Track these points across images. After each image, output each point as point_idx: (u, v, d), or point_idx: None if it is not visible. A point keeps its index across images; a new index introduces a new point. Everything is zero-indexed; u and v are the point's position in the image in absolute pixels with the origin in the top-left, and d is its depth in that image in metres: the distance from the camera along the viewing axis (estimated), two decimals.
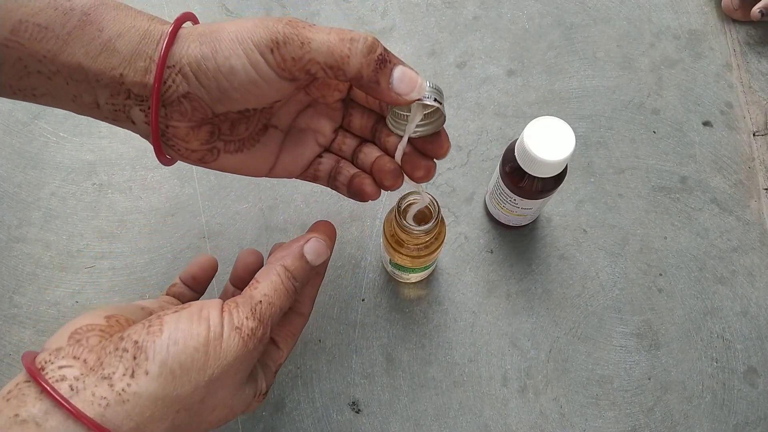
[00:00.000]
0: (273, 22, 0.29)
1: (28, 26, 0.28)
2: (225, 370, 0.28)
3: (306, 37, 0.28)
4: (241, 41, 0.29)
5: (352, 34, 0.28)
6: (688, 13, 0.56)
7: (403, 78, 0.29)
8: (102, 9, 0.29)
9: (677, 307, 0.47)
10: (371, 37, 0.28)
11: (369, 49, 0.28)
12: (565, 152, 0.37)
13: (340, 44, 0.28)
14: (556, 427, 0.44)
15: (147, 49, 0.29)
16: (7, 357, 0.45)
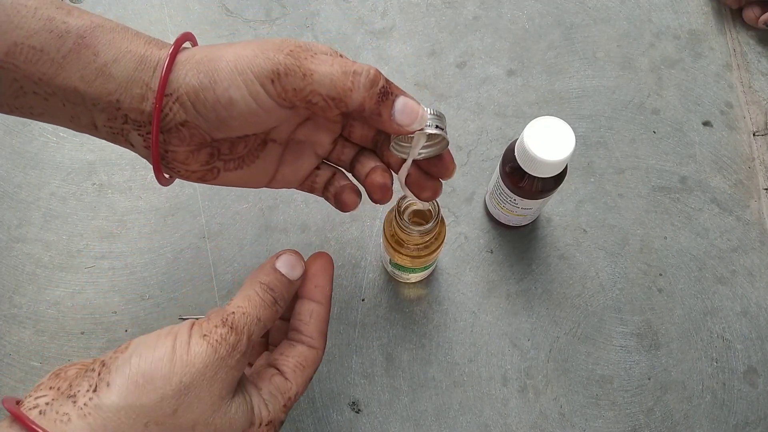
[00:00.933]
0: (274, 52, 0.28)
1: (23, 48, 0.27)
2: (194, 378, 0.26)
3: (308, 68, 0.28)
4: (240, 71, 0.28)
5: (355, 66, 0.28)
6: (688, 13, 0.56)
7: (405, 109, 0.29)
8: (97, 32, 0.29)
9: (677, 307, 0.47)
10: (373, 69, 0.29)
11: (372, 82, 0.28)
12: (565, 152, 0.37)
13: (342, 77, 0.28)
14: (556, 427, 0.44)
15: (143, 76, 0.29)
16: (7, 357, 0.45)
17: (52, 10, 0.28)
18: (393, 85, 0.29)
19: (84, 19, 0.29)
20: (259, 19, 0.55)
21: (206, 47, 0.30)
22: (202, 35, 0.54)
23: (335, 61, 0.28)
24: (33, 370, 0.44)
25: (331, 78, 0.28)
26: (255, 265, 0.47)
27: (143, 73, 0.29)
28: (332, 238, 0.48)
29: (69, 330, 0.45)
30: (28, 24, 0.27)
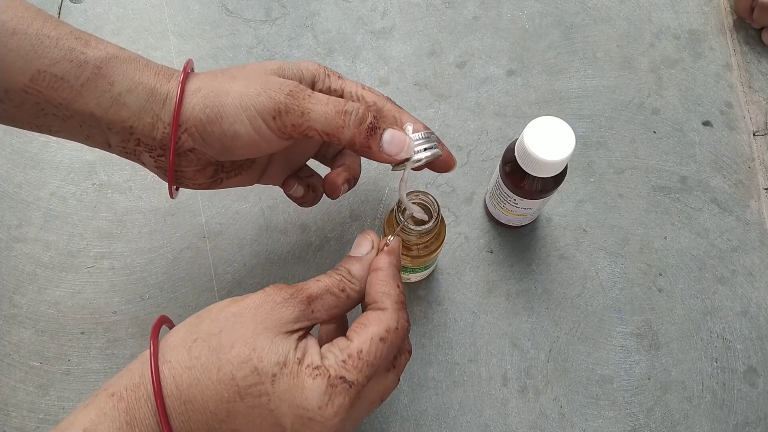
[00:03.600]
0: (275, 92, 0.32)
1: (46, 76, 0.31)
2: (242, 308, 0.29)
3: (306, 107, 0.32)
4: (245, 108, 0.32)
5: (347, 106, 0.32)
6: (688, 13, 0.56)
7: (392, 141, 0.33)
8: (113, 63, 0.32)
9: (677, 307, 0.47)
10: (363, 108, 0.32)
11: (360, 120, 0.32)
12: (565, 152, 0.37)
13: (335, 116, 0.32)
14: (556, 427, 0.44)
15: (154, 107, 0.32)
16: (7, 357, 0.45)
17: (71, 40, 0.31)
18: (380, 119, 0.33)
19: (100, 49, 0.32)
20: (259, 19, 0.55)
21: (211, 78, 0.34)
22: (202, 35, 0.54)
23: (330, 100, 0.32)
24: (33, 370, 0.44)
25: (326, 116, 0.32)
26: (255, 265, 0.47)
27: (154, 104, 0.32)
28: (332, 238, 0.48)
29: (69, 330, 0.45)
30: (50, 53, 0.31)
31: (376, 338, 0.30)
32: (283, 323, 0.29)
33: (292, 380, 0.28)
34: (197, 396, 0.28)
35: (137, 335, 0.45)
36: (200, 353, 0.28)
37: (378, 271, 0.33)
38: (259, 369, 0.28)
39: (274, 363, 0.28)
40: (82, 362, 0.45)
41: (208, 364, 0.28)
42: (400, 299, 0.32)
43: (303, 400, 0.28)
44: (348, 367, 0.29)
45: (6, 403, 0.44)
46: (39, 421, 0.43)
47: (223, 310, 0.30)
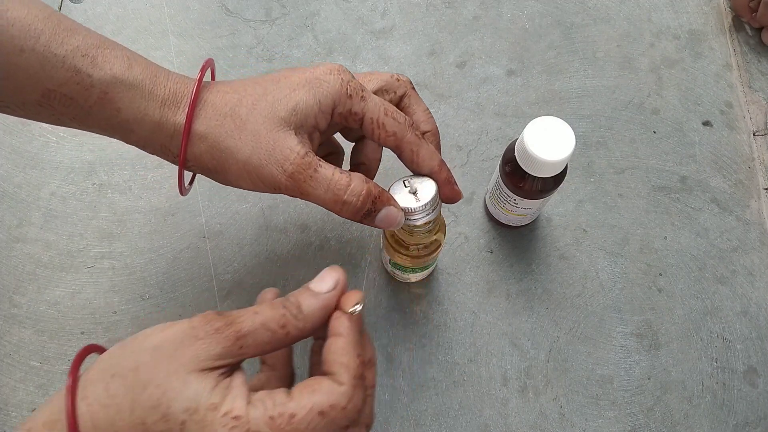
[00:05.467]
0: (278, 170, 0.32)
1: (56, 95, 0.31)
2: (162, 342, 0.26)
3: (306, 191, 0.32)
4: (248, 173, 0.33)
5: (345, 196, 0.32)
6: (688, 13, 0.56)
7: (385, 219, 0.34)
8: (118, 89, 0.32)
9: (677, 307, 0.47)
10: (361, 199, 0.33)
11: (357, 210, 0.33)
12: (565, 152, 0.37)
13: (333, 204, 0.33)
14: (556, 427, 0.44)
15: (162, 139, 0.33)
16: (7, 357, 0.45)
17: (77, 59, 0.31)
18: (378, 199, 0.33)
19: (105, 70, 0.32)
20: (259, 19, 0.55)
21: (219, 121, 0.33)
22: (202, 35, 0.54)
23: (330, 187, 0.32)
24: (33, 370, 0.44)
25: (324, 201, 0.33)
26: (255, 265, 0.47)
27: (161, 136, 0.33)
28: (332, 238, 0.48)
29: (69, 330, 0.45)
30: (58, 74, 0.31)
31: (315, 409, 0.26)
32: (202, 360, 0.26)
33: (202, 429, 0.25)
34: None
35: None
36: (117, 391, 0.26)
37: (338, 337, 0.29)
38: (168, 416, 0.25)
39: (183, 409, 0.25)
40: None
41: (122, 405, 0.26)
42: (359, 373, 0.28)
43: None
44: (273, 426, 0.25)
45: (6, 403, 0.44)
46: None
47: (145, 341, 0.27)
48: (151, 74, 0.33)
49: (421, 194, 0.35)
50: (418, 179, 0.36)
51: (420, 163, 0.36)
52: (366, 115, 0.34)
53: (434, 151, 0.36)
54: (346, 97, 0.33)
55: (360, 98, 0.34)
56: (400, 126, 0.35)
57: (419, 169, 0.36)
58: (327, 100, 0.33)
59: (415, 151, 0.35)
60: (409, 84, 0.38)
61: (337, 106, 0.33)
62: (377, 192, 0.34)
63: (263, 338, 0.27)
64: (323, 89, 0.33)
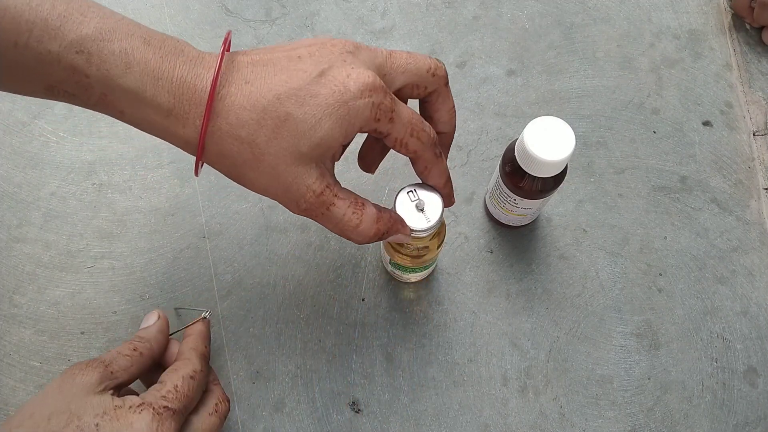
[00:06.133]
0: (293, 206, 0.32)
1: (59, 91, 0.30)
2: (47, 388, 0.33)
3: (324, 216, 0.33)
4: (263, 195, 0.33)
5: (353, 234, 0.33)
6: (688, 13, 0.56)
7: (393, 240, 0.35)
8: (117, 93, 0.30)
9: (677, 307, 0.47)
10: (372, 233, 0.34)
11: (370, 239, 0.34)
12: (565, 152, 0.37)
13: (343, 233, 0.33)
14: (556, 427, 0.44)
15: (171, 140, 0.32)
16: (7, 357, 0.45)
17: (72, 56, 0.28)
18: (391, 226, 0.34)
19: (102, 71, 0.29)
20: (259, 19, 0.55)
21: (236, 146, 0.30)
22: (202, 35, 0.54)
23: (339, 222, 0.33)
24: (33, 370, 0.44)
25: (335, 230, 0.33)
26: (255, 266, 0.47)
27: (173, 140, 0.32)
28: (332, 237, 0.48)
29: (69, 330, 0.45)
30: (55, 72, 0.29)
31: (187, 376, 0.35)
32: (89, 386, 0.32)
33: (116, 422, 0.31)
34: None
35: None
36: None
37: (188, 336, 0.40)
38: (81, 425, 0.31)
39: (93, 415, 0.31)
40: None
41: None
42: (204, 353, 0.39)
43: None
44: (169, 398, 0.33)
45: (6, 403, 0.44)
46: None
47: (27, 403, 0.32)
48: (152, 75, 0.29)
49: (428, 212, 0.36)
50: (424, 192, 0.36)
51: (429, 178, 0.36)
52: (390, 135, 0.33)
53: (445, 169, 0.36)
54: (373, 122, 0.31)
55: (388, 120, 0.32)
56: (423, 146, 0.34)
57: (425, 180, 0.37)
58: (354, 129, 0.31)
59: (429, 168, 0.36)
60: (443, 80, 0.35)
61: (362, 128, 0.32)
62: (386, 228, 0.34)
63: (124, 363, 0.35)
64: (352, 118, 0.30)
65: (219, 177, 0.49)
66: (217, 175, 0.49)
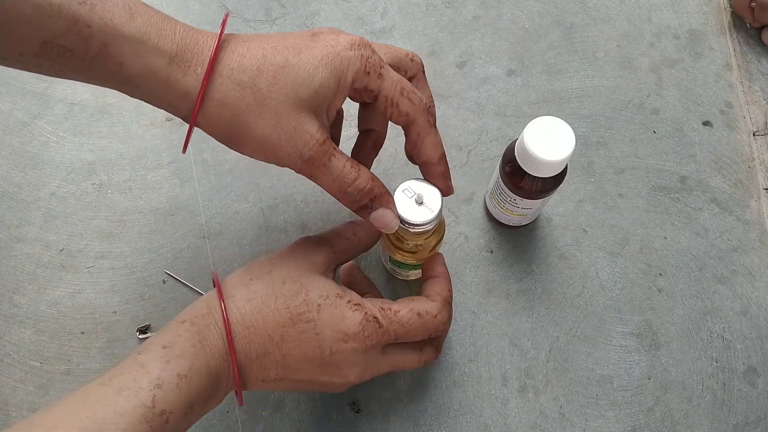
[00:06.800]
0: (296, 154, 0.32)
1: (53, 47, 0.30)
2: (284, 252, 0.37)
3: (315, 176, 0.34)
4: (264, 149, 0.33)
5: (349, 188, 0.34)
6: (688, 13, 0.56)
7: (378, 219, 0.35)
8: (119, 41, 0.30)
9: (677, 307, 0.47)
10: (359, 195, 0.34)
11: (356, 203, 0.35)
12: (565, 152, 0.37)
13: (335, 192, 0.34)
14: (556, 427, 0.44)
15: (169, 97, 0.31)
16: (7, 357, 0.45)
17: (75, 7, 0.29)
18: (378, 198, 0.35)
19: (105, 20, 0.29)
20: (259, 19, 0.55)
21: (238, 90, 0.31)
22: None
23: (337, 177, 0.34)
24: (33, 370, 0.44)
25: (328, 188, 0.34)
26: None
27: (170, 95, 0.31)
28: None
29: (69, 330, 0.45)
30: (55, 24, 0.29)
31: (414, 310, 0.36)
32: (318, 266, 0.36)
33: (333, 310, 0.34)
34: (258, 321, 0.33)
35: (137, 335, 0.45)
36: (257, 288, 0.34)
37: (435, 278, 0.39)
38: (307, 300, 0.34)
39: (318, 296, 0.34)
40: (82, 362, 0.45)
41: (266, 296, 0.34)
42: (448, 300, 0.38)
43: (343, 326, 0.34)
44: (384, 314, 0.35)
45: (6, 403, 0.44)
46: None
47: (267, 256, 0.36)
48: (156, 26, 0.31)
49: (428, 204, 0.36)
50: (420, 186, 0.36)
51: (422, 149, 0.36)
52: (381, 93, 0.34)
53: (440, 143, 0.36)
54: (364, 74, 0.33)
55: (377, 75, 0.33)
56: (414, 108, 0.35)
57: (418, 155, 0.36)
58: (347, 79, 0.33)
59: (422, 137, 0.36)
60: (421, 67, 0.38)
61: (354, 81, 0.33)
62: (379, 192, 0.35)
63: (345, 245, 0.38)
64: (344, 68, 0.33)
65: (219, 177, 0.49)
66: (217, 174, 0.49)
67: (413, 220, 0.35)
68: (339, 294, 0.34)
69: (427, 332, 0.36)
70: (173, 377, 0.31)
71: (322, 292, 0.34)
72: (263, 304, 0.34)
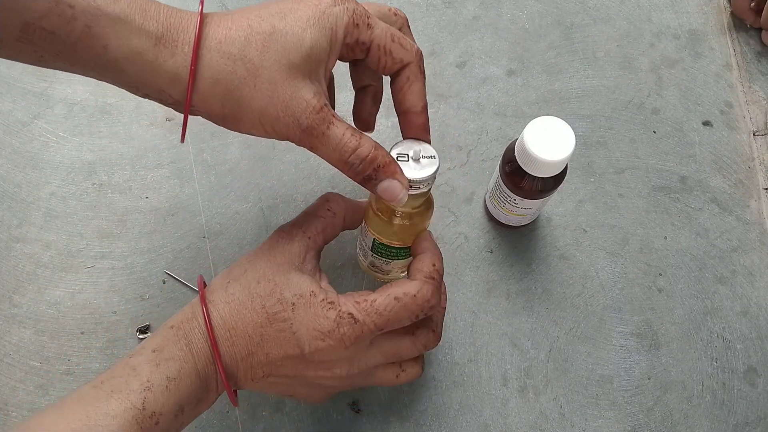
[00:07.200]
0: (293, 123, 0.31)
1: (36, 29, 0.28)
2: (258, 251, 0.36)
3: (315, 146, 0.33)
4: (262, 123, 0.32)
5: (350, 158, 0.33)
6: (688, 13, 0.56)
7: (386, 191, 0.34)
8: (103, 22, 0.29)
9: (677, 307, 0.47)
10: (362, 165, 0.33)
11: (358, 174, 0.33)
12: (565, 152, 0.37)
13: (336, 163, 0.33)
14: (556, 427, 0.44)
15: (157, 81, 0.31)
16: (7, 357, 0.45)
17: None
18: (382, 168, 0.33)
19: (88, 0, 0.29)
20: None
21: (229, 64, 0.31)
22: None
23: (337, 147, 0.32)
24: (33, 370, 0.44)
25: (329, 159, 0.33)
26: None
27: (158, 79, 0.30)
28: None
29: (69, 330, 0.45)
30: (37, 5, 0.28)
31: (392, 296, 0.34)
32: (294, 257, 0.35)
33: (308, 309, 0.33)
34: (238, 323, 0.33)
35: (137, 335, 0.45)
36: (234, 290, 0.34)
37: (421, 254, 0.37)
38: (281, 299, 0.33)
39: (292, 294, 0.33)
40: (82, 362, 0.45)
41: (243, 298, 0.34)
42: (431, 275, 0.35)
43: (317, 325, 0.33)
44: (359, 308, 0.33)
45: (6, 403, 0.44)
46: None
47: (245, 256, 0.36)
48: (140, 6, 0.30)
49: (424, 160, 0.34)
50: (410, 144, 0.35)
51: (407, 95, 0.34)
52: (373, 43, 0.33)
53: (425, 94, 0.35)
54: (353, 27, 0.32)
55: (366, 26, 0.33)
56: (408, 52, 0.34)
57: (402, 101, 0.35)
58: (338, 36, 0.32)
59: (410, 83, 0.34)
60: (405, 21, 0.37)
61: (345, 37, 0.32)
62: (383, 161, 0.33)
63: (319, 225, 0.36)
64: (333, 24, 0.32)
65: (219, 177, 0.49)
66: (217, 174, 0.49)
67: (416, 177, 0.34)
68: (313, 292, 0.34)
69: (412, 314, 0.34)
70: (163, 380, 0.31)
71: (296, 290, 0.33)
72: (241, 305, 0.33)
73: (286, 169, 0.50)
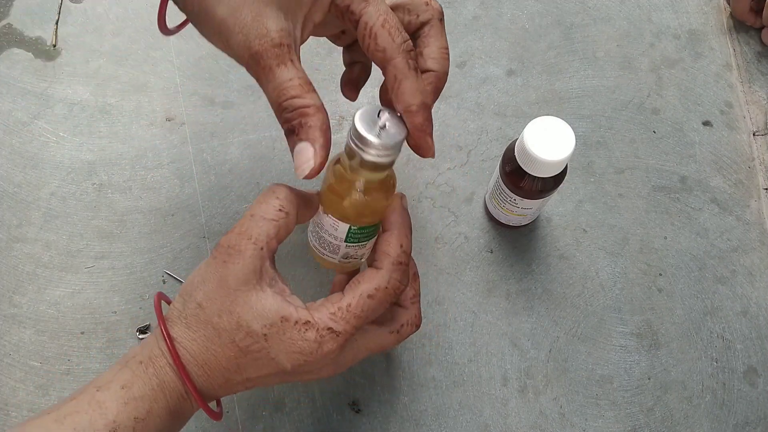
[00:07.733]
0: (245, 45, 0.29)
1: None
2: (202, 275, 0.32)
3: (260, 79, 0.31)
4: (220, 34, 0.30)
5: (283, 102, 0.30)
6: (688, 13, 0.56)
7: (297, 155, 0.31)
8: None
9: (677, 307, 0.47)
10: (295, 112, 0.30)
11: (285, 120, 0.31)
12: (565, 152, 0.37)
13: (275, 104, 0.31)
14: (556, 427, 0.44)
15: None
16: (7, 357, 0.45)
17: None
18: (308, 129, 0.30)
19: None
20: None
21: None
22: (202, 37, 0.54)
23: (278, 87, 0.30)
24: (33, 370, 0.44)
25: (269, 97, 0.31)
26: None
27: None
28: None
29: (69, 330, 0.45)
30: None
31: (364, 294, 0.32)
32: (248, 276, 0.31)
33: (282, 336, 0.31)
34: (210, 359, 0.31)
35: (137, 335, 0.45)
36: (197, 327, 0.32)
37: (387, 231, 0.34)
38: (250, 332, 0.31)
39: (261, 326, 0.31)
40: (82, 362, 0.45)
41: (208, 335, 0.31)
42: (399, 260, 0.33)
43: (297, 348, 0.31)
44: (336, 318, 0.31)
45: (6, 403, 0.44)
46: None
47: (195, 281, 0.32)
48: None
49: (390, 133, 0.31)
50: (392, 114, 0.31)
51: (398, 95, 0.31)
52: (362, 18, 0.30)
53: (420, 89, 0.31)
54: None
55: None
56: (392, 45, 0.30)
57: (395, 101, 0.31)
58: None
59: (399, 80, 0.31)
60: (438, 13, 0.34)
61: None
62: (314, 122, 0.30)
63: (271, 230, 0.32)
64: None
65: (219, 177, 0.49)
66: (217, 174, 0.49)
67: (371, 139, 0.30)
68: (283, 317, 0.31)
69: (386, 304, 0.33)
70: (130, 420, 0.30)
71: (263, 321, 0.31)
72: (208, 341, 0.31)
73: (286, 169, 0.50)
